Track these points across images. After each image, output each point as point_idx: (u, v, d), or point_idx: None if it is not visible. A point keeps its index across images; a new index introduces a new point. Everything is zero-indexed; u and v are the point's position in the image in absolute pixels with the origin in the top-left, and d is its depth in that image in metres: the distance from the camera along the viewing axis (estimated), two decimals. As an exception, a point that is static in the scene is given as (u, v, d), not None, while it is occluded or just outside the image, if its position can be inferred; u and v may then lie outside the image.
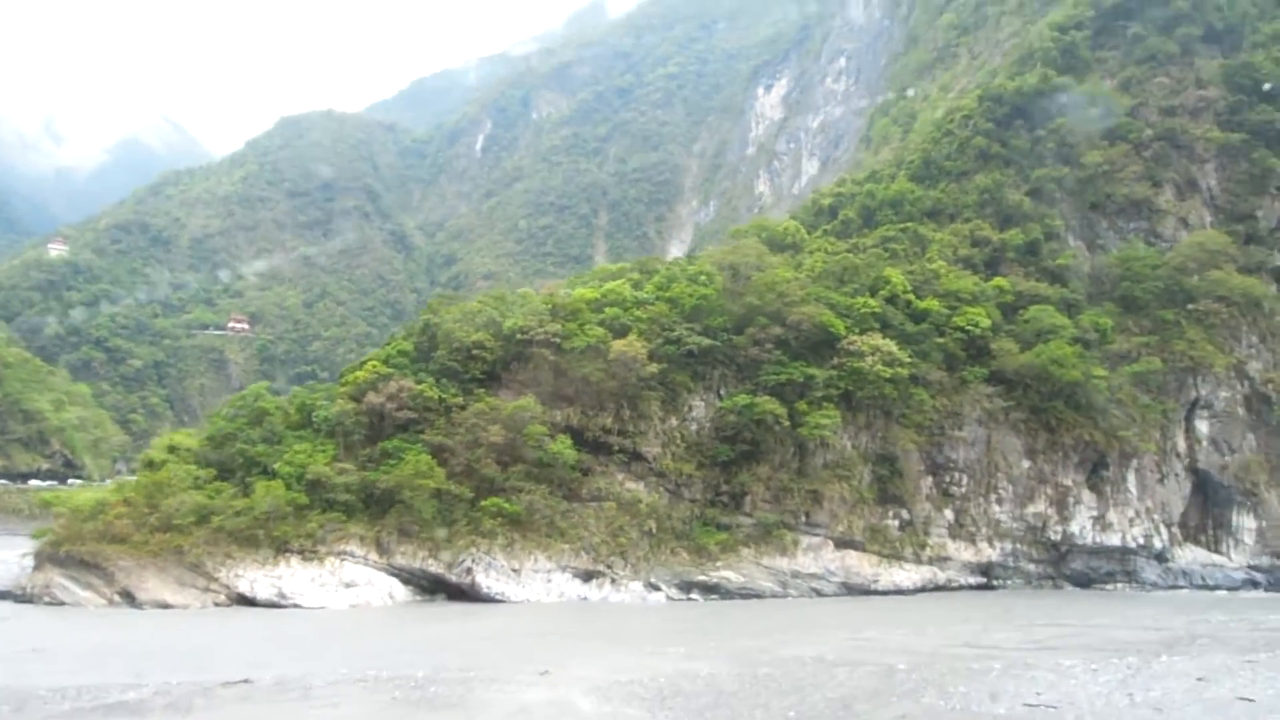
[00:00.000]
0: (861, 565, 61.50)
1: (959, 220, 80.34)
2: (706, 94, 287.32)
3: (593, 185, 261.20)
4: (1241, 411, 76.25)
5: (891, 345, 63.13)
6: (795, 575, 59.28)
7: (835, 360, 62.78)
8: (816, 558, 60.32)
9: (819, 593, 59.68)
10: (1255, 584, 72.60)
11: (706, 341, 60.52)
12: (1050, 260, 77.23)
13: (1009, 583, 67.99)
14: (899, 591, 61.94)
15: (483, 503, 52.47)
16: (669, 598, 55.21)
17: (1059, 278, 76.64)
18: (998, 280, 72.72)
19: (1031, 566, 69.00)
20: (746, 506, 60.21)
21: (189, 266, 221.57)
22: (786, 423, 59.21)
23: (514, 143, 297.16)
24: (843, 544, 61.71)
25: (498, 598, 51.35)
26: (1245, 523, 73.88)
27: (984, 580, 67.10)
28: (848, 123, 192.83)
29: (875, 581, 61.41)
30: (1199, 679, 32.77)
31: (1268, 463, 75.84)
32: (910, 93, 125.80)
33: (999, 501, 68.09)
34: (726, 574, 57.09)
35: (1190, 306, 74.09)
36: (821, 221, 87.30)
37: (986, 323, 67.88)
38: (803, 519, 60.76)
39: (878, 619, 47.89)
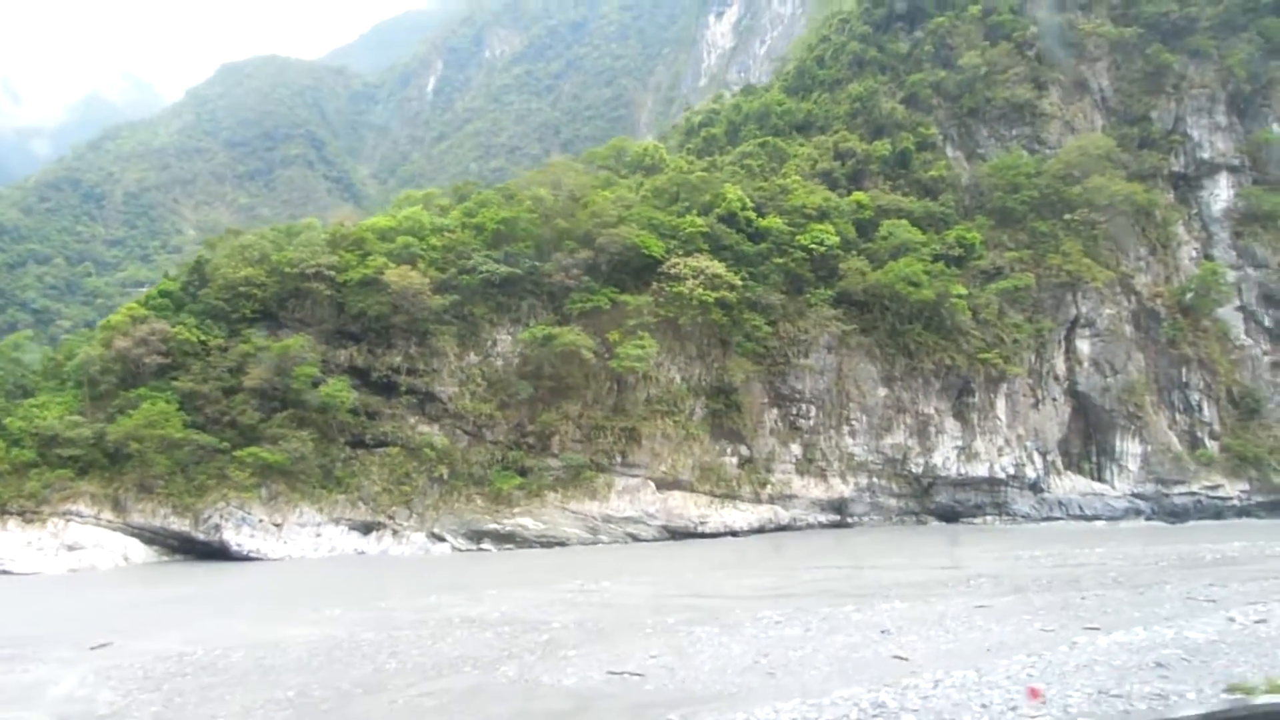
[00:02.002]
0: (686, 506, 56.90)
1: (829, 132, 74.24)
2: (662, 25, 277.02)
3: (545, 125, 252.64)
4: (1128, 329, 70.97)
5: (718, 267, 57.72)
6: (607, 520, 54.70)
7: (654, 285, 57.48)
8: (633, 500, 55.71)
9: (635, 537, 55.22)
10: (1138, 513, 68.16)
11: (505, 269, 55.13)
12: (923, 172, 71.32)
13: (865, 519, 63.59)
14: (731, 533, 57.44)
15: (236, 453, 47.76)
16: (455, 548, 50.73)
17: (931, 190, 70.85)
18: (857, 195, 66.91)
19: (892, 501, 64.51)
20: (554, 448, 55.44)
21: (123, 223, 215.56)
22: (591, 355, 54.12)
23: (467, 83, 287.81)
24: (666, 485, 57.05)
25: (253, 555, 46.89)
26: (1129, 448, 69.11)
27: (837, 518, 62.73)
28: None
29: (703, 523, 56.87)
30: (882, 631, 28.08)
31: (1155, 384, 70.89)
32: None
33: (852, 434, 63.29)
34: (524, 521, 52.53)
35: (1068, 217, 68.33)
36: (691, 141, 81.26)
37: (835, 240, 62.30)
38: (618, 459, 56.02)
39: (650, 566, 43.31)
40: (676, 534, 56.07)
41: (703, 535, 56.49)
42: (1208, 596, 29.94)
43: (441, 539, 50.97)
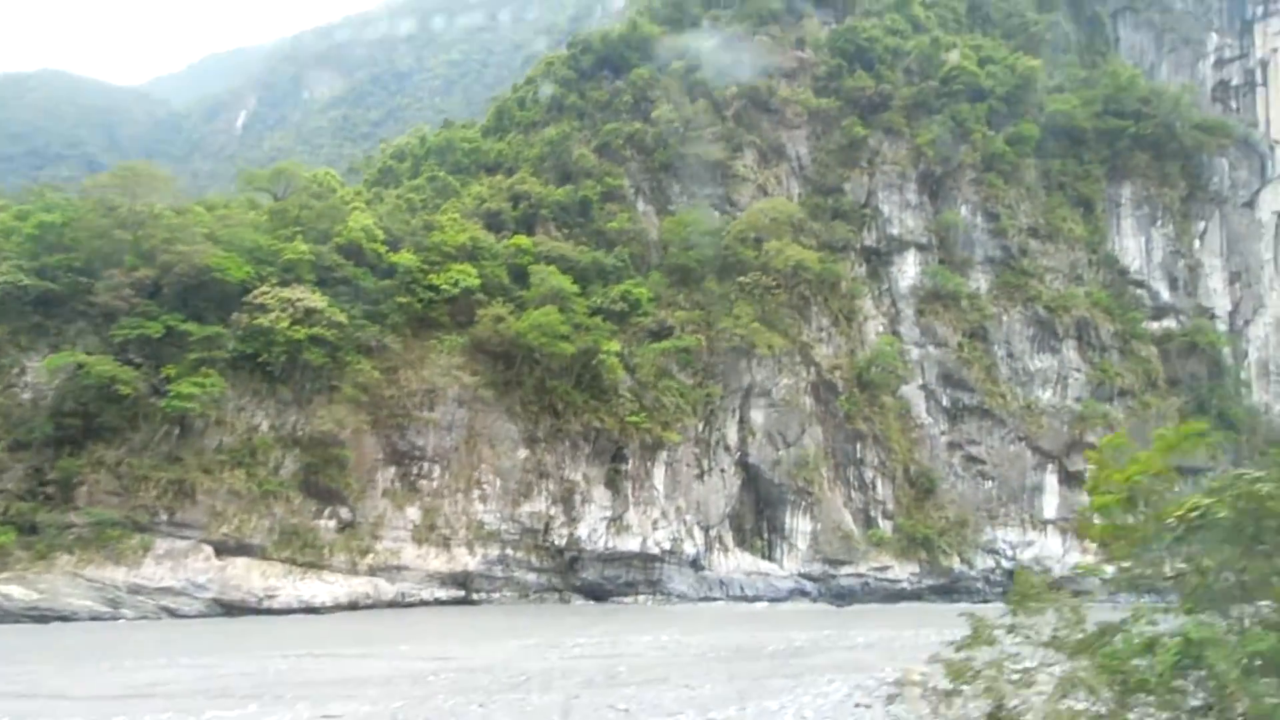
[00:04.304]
0: (250, 577, 48.28)
1: (515, 175, 69.49)
2: (489, 85, 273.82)
3: (352, 172, 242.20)
4: (808, 401, 68.31)
5: (318, 300, 50.65)
6: (135, 590, 45.21)
7: (235, 315, 49.71)
8: (177, 567, 46.63)
9: (174, 612, 45.94)
10: (804, 593, 64.47)
11: (30, 282, 46.07)
12: (604, 223, 67.28)
13: (497, 596, 56.67)
14: (310, 610, 49.17)
15: None
16: (-103, 624, 40.27)
17: (614, 242, 66.79)
18: (517, 239, 61.83)
19: (530, 576, 57.98)
20: (79, 500, 46.07)
21: None
22: (131, 391, 45.44)
23: (281, 122, 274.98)
24: (229, 549, 48.32)
25: None
26: (800, 525, 65.69)
27: (461, 593, 55.52)
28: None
29: (270, 597, 48.19)
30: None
31: (831, 458, 68.24)
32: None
33: (483, 499, 56.64)
34: (9, 590, 42.64)
35: (740, 279, 65.51)
36: (385, 177, 74.96)
37: (474, 282, 56.58)
38: (164, 517, 47.12)
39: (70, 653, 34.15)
40: (233, 609, 47.23)
41: (270, 612, 47.89)
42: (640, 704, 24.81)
43: (-121, 611, 40.33)
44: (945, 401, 72.35)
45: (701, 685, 28.35)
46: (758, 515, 67.00)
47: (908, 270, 74.33)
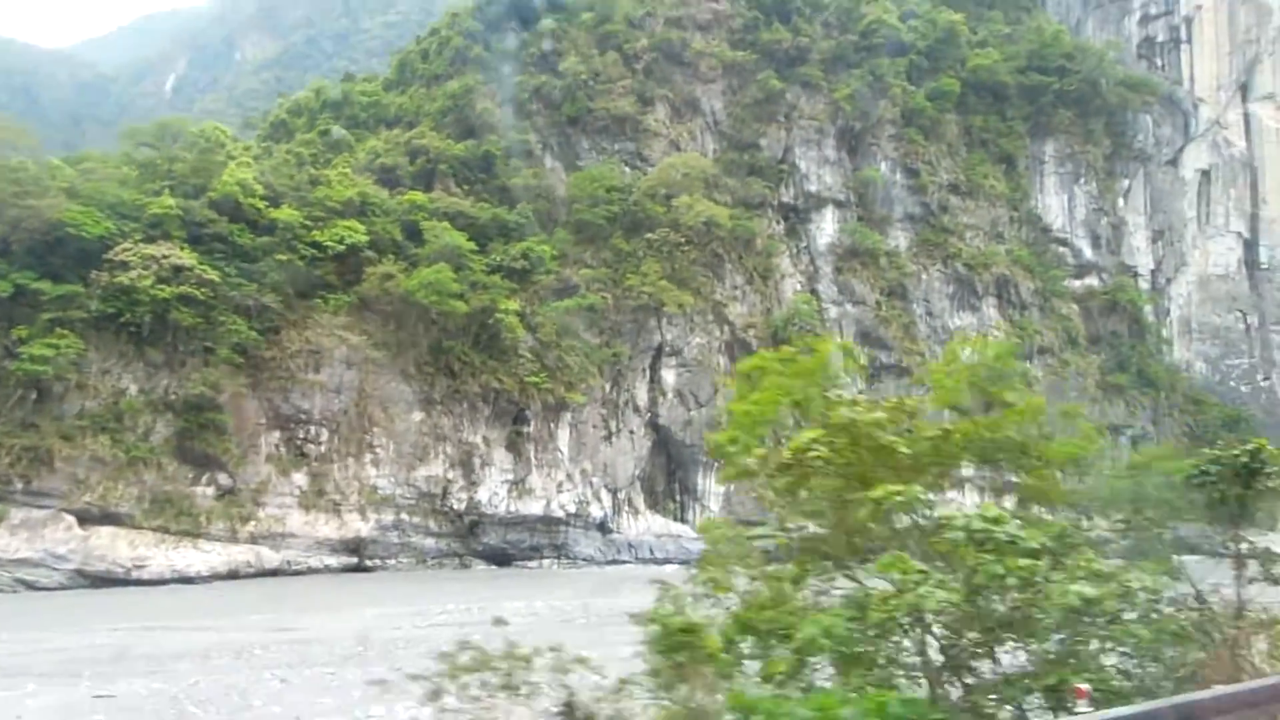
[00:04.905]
0: (117, 546, 45.90)
1: (415, 129, 66.63)
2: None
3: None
4: (721, 360, 66.93)
5: (187, 257, 47.89)
6: (-15, 563, 42.90)
7: (94, 274, 46.79)
8: (34, 538, 44.12)
9: (31, 585, 43.42)
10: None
11: None
12: (508, 178, 64.88)
13: (393, 562, 54.80)
14: (185, 580, 46.93)
15: None
16: None
17: (518, 199, 64.45)
18: (412, 195, 59.25)
19: (429, 542, 56.19)
20: (-79, 470, 43.29)
21: None
22: (-25, 352, 42.59)
23: (213, 84, 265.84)
24: (93, 518, 45.80)
25: None
26: (712, 486, 64.37)
27: (354, 560, 53.57)
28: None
29: (140, 567, 45.95)
30: None
31: (745, 418, 66.99)
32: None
33: (376, 463, 54.59)
34: None
35: (649, 236, 63.66)
36: (277, 132, 71.62)
37: (362, 239, 54.06)
38: (19, 486, 44.46)
39: None
40: (99, 581, 44.86)
41: (140, 583, 45.57)
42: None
43: None
44: (863, 360, 71.29)
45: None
46: (669, 477, 65.83)
47: (826, 227, 73.03)
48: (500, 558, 57.88)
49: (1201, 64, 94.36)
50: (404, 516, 54.93)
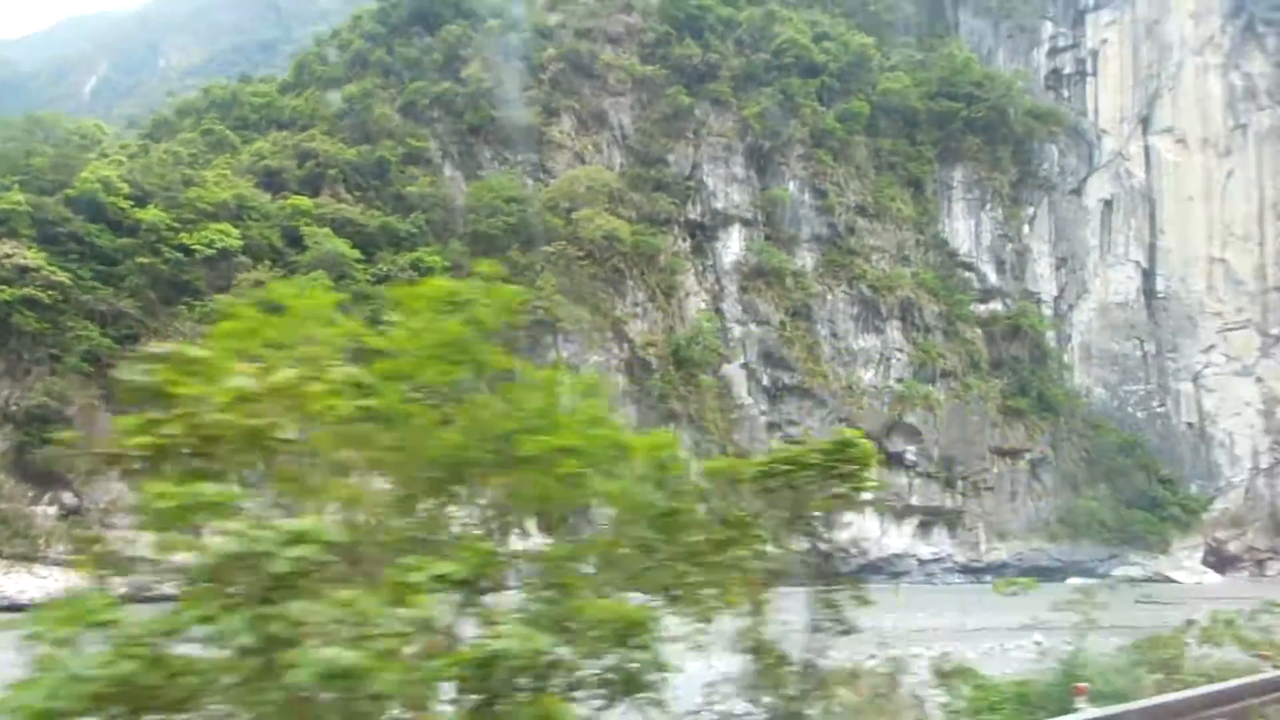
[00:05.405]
0: (-62, 570, 42.34)
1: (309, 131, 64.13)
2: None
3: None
4: (621, 379, 65.39)
5: (33, 257, 44.71)
6: None
7: (-75, 272, 43.35)
8: None
9: None
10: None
11: None
12: (403, 186, 62.71)
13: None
14: (16, 608, 43.27)
15: None
16: None
17: (414, 208, 62.28)
18: (296, 199, 56.72)
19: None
20: None
21: None
22: None
23: (135, 89, 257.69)
24: (-89, 540, 42.25)
25: None
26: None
27: (217, 585, 50.28)
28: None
29: (-37, 593, 42.40)
30: None
31: (645, 438, 65.52)
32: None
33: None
34: None
35: (545, 249, 62.02)
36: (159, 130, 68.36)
37: (235, 243, 51.33)
38: None
39: None
40: (-85, 608, 41.05)
41: (-35, 609, 41.89)
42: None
43: None
44: (766, 381, 70.65)
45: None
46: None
47: (732, 246, 72.29)
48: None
49: (1106, 96, 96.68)
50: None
